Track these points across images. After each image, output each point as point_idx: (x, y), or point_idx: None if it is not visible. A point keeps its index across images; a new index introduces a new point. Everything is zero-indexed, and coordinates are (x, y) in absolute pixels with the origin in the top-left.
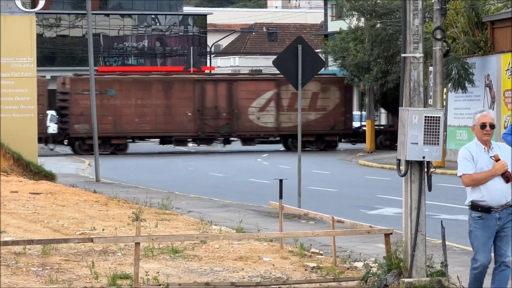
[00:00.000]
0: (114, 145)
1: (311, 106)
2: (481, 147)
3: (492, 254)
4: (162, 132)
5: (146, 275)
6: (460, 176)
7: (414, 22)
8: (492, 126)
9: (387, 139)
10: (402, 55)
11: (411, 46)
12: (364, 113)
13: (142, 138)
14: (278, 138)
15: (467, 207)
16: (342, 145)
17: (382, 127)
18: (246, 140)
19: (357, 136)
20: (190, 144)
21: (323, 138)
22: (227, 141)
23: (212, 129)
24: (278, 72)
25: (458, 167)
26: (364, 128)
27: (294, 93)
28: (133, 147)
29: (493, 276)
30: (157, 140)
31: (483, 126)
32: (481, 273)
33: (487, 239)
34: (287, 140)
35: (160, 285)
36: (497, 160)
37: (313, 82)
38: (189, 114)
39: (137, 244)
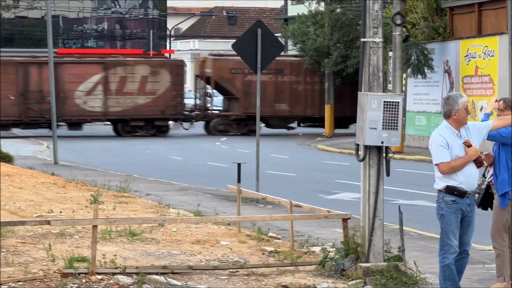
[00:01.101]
0: None
1: (141, 90)
2: (453, 132)
3: None
4: None
5: (103, 258)
6: (436, 164)
7: (374, 7)
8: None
9: (220, 123)
10: (362, 39)
11: (371, 31)
12: (195, 97)
13: None
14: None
15: (438, 192)
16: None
17: (217, 111)
18: (72, 125)
19: (189, 120)
20: (14, 129)
21: (153, 123)
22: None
23: (37, 113)
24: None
25: (434, 155)
26: (197, 112)
27: (123, 77)
28: (93, 129)
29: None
30: None
31: (466, 109)
32: (452, 257)
33: (458, 224)
34: (117, 125)
35: (117, 268)
36: (469, 146)
37: (143, 66)
38: (12, 97)
39: (95, 227)
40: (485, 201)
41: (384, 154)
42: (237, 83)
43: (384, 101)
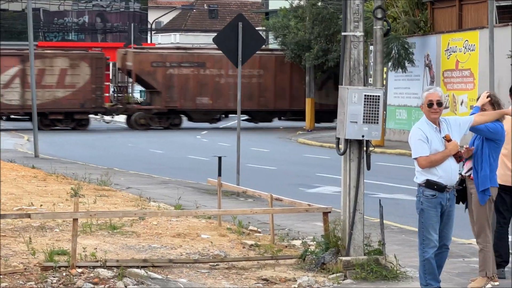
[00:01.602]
0: None
1: (59, 83)
2: (432, 126)
3: None
4: None
5: (84, 251)
6: (415, 159)
7: (355, 1)
8: (440, 104)
9: (141, 117)
10: (343, 33)
11: (352, 25)
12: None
13: None
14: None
15: (418, 186)
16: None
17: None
18: None
19: (110, 113)
20: None
21: (73, 116)
22: None
23: None
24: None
25: (413, 149)
26: (119, 105)
27: (41, 70)
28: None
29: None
30: None
31: (430, 104)
32: (432, 251)
33: (438, 218)
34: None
35: (97, 261)
36: (449, 140)
37: (62, 58)
38: None
39: (75, 220)
40: (459, 195)
41: (364, 148)
42: (158, 77)
43: (365, 95)
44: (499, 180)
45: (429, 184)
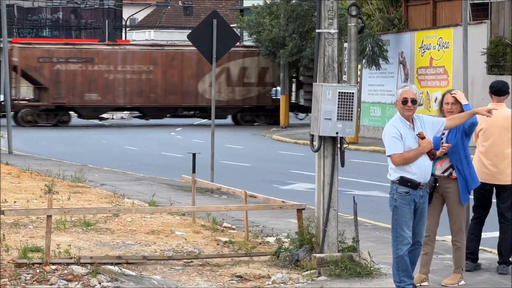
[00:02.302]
0: None
1: None
2: (406, 124)
3: None
4: None
5: (57, 248)
6: (389, 156)
7: None
8: (414, 102)
9: (28, 114)
10: (317, 30)
11: (326, 22)
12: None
13: None
14: None
15: (391, 183)
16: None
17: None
18: None
19: None
20: None
21: None
22: None
23: None
24: None
25: (387, 146)
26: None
27: None
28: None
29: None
30: None
31: (404, 101)
32: (406, 248)
33: (412, 215)
34: None
35: (71, 258)
36: (422, 138)
37: None
38: None
39: (49, 216)
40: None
41: (338, 145)
42: (45, 72)
43: (339, 92)
44: (479, 178)
45: (403, 181)
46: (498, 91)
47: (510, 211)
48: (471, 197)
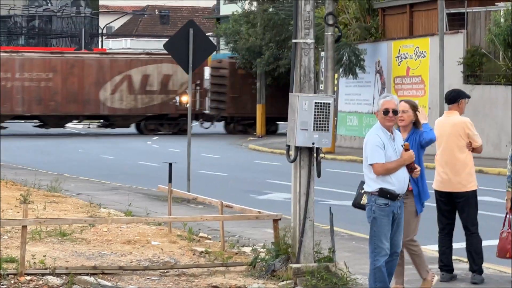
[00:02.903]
0: None
1: None
2: (387, 134)
3: None
4: None
5: (33, 258)
6: (371, 165)
7: (306, 8)
8: (395, 112)
9: None
10: (293, 40)
11: (302, 32)
12: None
13: None
14: None
15: (369, 194)
16: None
17: None
18: None
19: None
20: None
21: None
22: None
23: None
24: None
25: (369, 155)
26: None
27: None
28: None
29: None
30: None
31: (386, 112)
32: (383, 259)
33: (390, 226)
34: None
35: (46, 268)
36: (407, 150)
37: None
38: None
39: (24, 227)
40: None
41: (315, 155)
42: None
43: (315, 102)
44: (435, 186)
45: (382, 192)
46: (446, 99)
47: (470, 221)
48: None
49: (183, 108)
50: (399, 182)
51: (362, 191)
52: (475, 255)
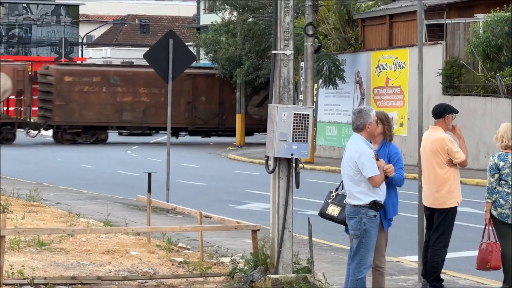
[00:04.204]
0: None
1: None
2: (370, 145)
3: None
4: None
5: (11, 268)
6: (371, 177)
7: (285, 19)
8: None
9: None
10: (273, 52)
11: (282, 43)
12: None
13: None
14: None
15: (358, 207)
16: None
17: None
18: None
19: None
20: None
21: None
22: None
23: None
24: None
25: (368, 167)
26: None
27: None
28: None
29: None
30: None
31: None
32: (367, 271)
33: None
34: None
35: (25, 278)
36: (377, 159)
37: None
38: None
39: (2, 237)
40: None
41: (294, 166)
42: None
43: (294, 114)
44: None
45: (373, 205)
46: (432, 114)
47: (443, 240)
48: None
49: (5, 116)
50: (383, 192)
51: (329, 201)
52: (429, 266)
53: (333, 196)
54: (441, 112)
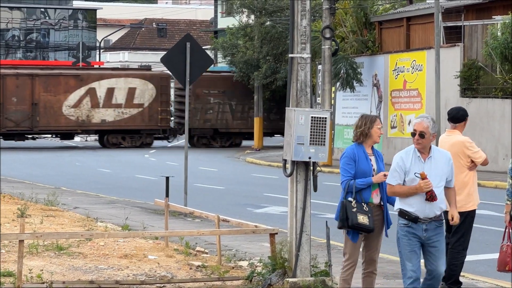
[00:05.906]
0: None
1: None
2: (416, 155)
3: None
4: None
5: (30, 272)
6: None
7: (302, 22)
8: (422, 135)
9: None
10: (290, 55)
11: (299, 47)
12: None
13: None
14: None
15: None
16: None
17: None
18: None
19: None
20: None
21: None
22: None
23: None
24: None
25: (389, 174)
26: None
27: None
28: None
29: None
30: None
31: (413, 134)
32: (409, 282)
33: (413, 248)
34: None
35: (44, 282)
36: (423, 178)
37: None
38: None
39: (21, 241)
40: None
41: (311, 169)
42: None
43: (312, 117)
44: None
45: (401, 213)
46: (452, 118)
47: (455, 237)
48: None
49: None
50: (418, 205)
51: (354, 210)
52: (453, 268)
53: (354, 204)
54: (464, 116)
